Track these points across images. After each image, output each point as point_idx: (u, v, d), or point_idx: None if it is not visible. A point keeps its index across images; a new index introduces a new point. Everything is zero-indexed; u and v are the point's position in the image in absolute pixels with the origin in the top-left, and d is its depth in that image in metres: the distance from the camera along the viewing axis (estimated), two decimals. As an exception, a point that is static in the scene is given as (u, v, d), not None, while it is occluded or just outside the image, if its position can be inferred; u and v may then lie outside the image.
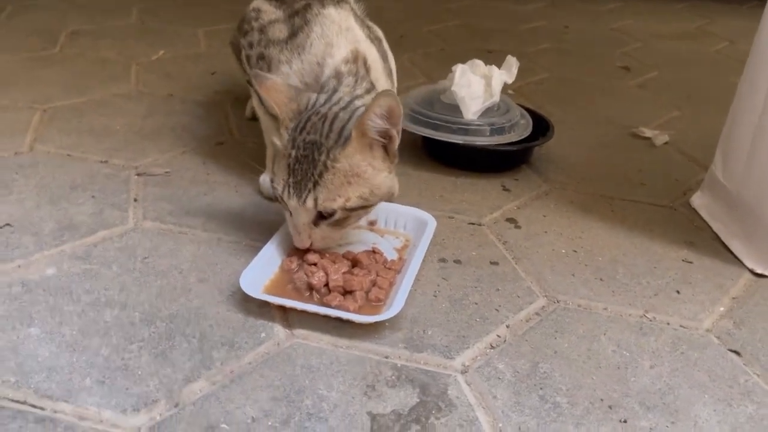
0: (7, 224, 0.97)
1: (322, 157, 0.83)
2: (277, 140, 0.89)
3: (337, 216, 0.85)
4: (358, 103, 0.89)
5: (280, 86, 0.89)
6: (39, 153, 1.18)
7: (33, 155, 1.17)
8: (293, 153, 0.85)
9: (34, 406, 0.67)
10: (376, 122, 0.82)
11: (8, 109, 1.33)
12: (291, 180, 0.84)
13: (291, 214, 0.87)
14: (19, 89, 1.43)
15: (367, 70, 0.96)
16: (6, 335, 0.76)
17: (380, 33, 1.10)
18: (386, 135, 0.85)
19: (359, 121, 0.82)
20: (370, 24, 1.10)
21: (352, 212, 0.86)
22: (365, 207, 0.87)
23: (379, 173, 0.86)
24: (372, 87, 0.95)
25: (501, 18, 2.34)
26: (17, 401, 0.68)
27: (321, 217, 0.86)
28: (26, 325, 0.78)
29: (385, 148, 0.86)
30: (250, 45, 1.05)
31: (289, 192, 0.84)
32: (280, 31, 1.02)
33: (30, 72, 1.54)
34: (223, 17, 2.09)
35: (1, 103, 1.36)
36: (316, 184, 0.83)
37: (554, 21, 2.35)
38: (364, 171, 0.85)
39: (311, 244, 0.88)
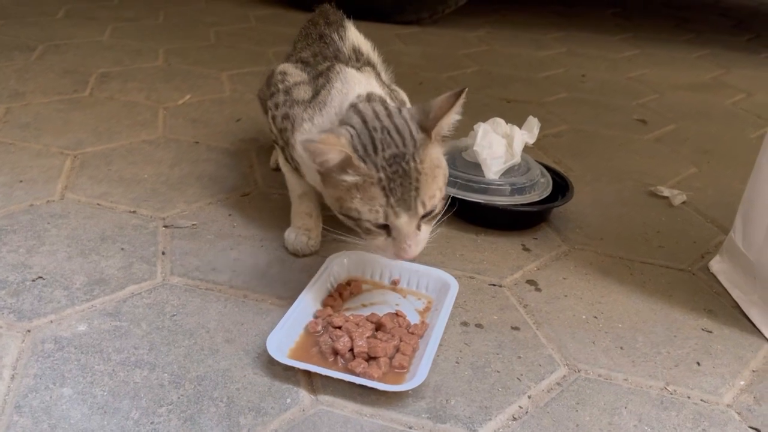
0: (40, 277, 0.99)
1: (412, 164, 0.86)
2: (353, 176, 0.86)
3: (436, 208, 0.89)
4: (391, 105, 0.92)
5: (323, 134, 0.88)
6: (70, 201, 1.21)
7: (64, 204, 1.20)
8: (382, 175, 0.85)
9: (66, 472, 0.69)
10: (453, 118, 0.89)
11: (41, 155, 1.37)
12: (392, 200, 0.86)
13: (389, 234, 0.88)
14: (52, 134, 1.47)
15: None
16: (40, 395, 0.78)
17: (404, 96, 1.13)
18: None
19: (439, 123, 0.87)
20: (395, 88, 1.13)
21: (442, 200, 0.90)
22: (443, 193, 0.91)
23: (442, 158, 0.91)
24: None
25: (518, 65, 2.38)
26: (50, 466, 0.69)
27: (421, 218, 0.89)
28: (59, 384, 0.80)
29: None
30: (276, 106, 1.08)
31: (395, 211, 0.86)
32: (305, 92, 1.05)
33: (61, 115, 1.58)
34: (245, 61, 2.14)
35: (34, 148, 1.40)
36: (417, 189, 0.86)
37: (571, 69, 2.38)
38: (437, 159, 0.89)
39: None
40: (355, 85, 0.99)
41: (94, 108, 1.65)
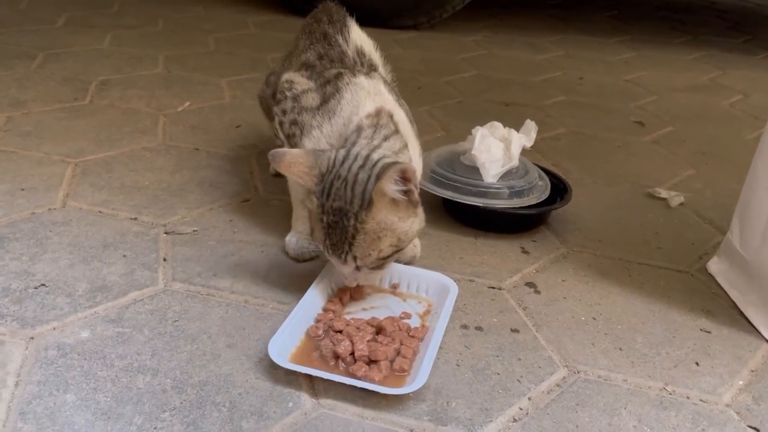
0: (43, 284, 1.00)
1: (351, 222, 0.89)
2: (310, 204, 0.95)
3: (373, 265, 0.93)
4: (375, 156, 0.93)
5: (297, 158, 0.92)
6: (71, 209, 1.22)
7: (66, 212, 1.21)
8: (325, 219, 0.91)
9: (71, 477, 0.69)
10: (392, 187, 0.89)
11: (42, 163, 1.38)
12: (329, 242, 0.91)
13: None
14: (53, 142, 1.48)
15: (394, 124, 1.00)
16: (44, 402, 0.79)
17: (407, 109, 1.14)
18: (405, 192, 0.90)
19: (377, 187, 0.88)
20: (402, 102, 1.13)
21: (387, 258, 0.93)
22: (399, 250, 0.94)
23: (405, 220, 0.92)
24: (394, 132, 0.99)
25: (516, 68, 2.39)
26: (55, 471, 0.70)
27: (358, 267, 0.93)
28: (62, 391, 0.81)
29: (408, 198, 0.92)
30: (284, 112, 1.09)
31: (329, 251, 0.92)
32: (313, 99, 1.06)
33: (62, 123, 1.59)
34: (244, 67, 2.15)
35: (35, 157, 1.41)
36: (350, 245, 0.90)
37: (569, 72, 2.40)
38: (392, 223, 0.91)
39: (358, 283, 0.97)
40: (365, 97, 1.01)
41: (94, 116, 1.66)
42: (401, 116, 1.03)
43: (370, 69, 1.12)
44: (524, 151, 1.31)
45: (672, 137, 1.82)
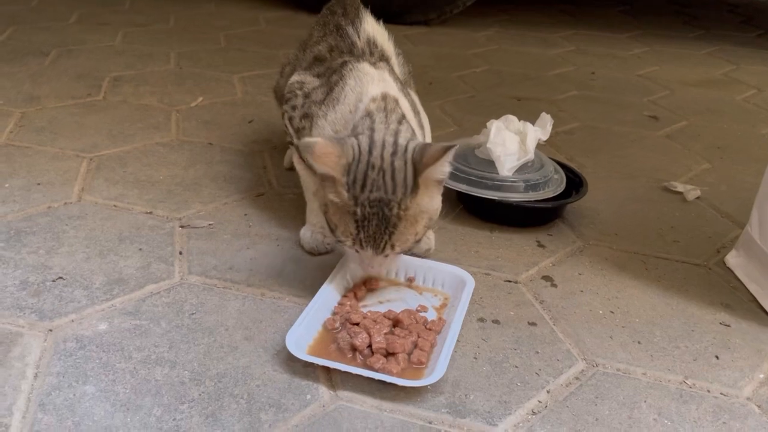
0: (60, 277, 1.00)
1: (395, 211, 0.88)
2: (334, 197, 0.89)
3: (408, 248, 0.93)
4: (401, 141, 0.92)
5: (326, 147, 0.88)
6: (87, 203, 1.22)
7: (81, 206, 1.21)
8: (358, 211, 0.88)
9: (92, 468, 0.70)
10: (441, 170, 0.89)
11: (57, 158, 1.39)
12: (362, 235, 0.89)
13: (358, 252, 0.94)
14: (67, 137, 1.49)
15: (401, 109, 0.99)
16: (63, 393, 0.79)
17: (415, 96, 1.14)
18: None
19: (427, 173, 0.88)
20: (408, 92, 1.12)
21: (420, 239, 0.93)
22: (428, 228, 0.94)
23: (434, 199, 0.93)
24: (403, 117, 0.98)
25: (528, 63, 2.38)
26: (76, 462, 0.70)
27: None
28: (81, 382, 0.81)
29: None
30: (294, 108, 1.10)
31: (362, 244, 0.90)
32: (322, 93, 1.06)
33: (76, 119, 1.60)
34: (256, 63, 2.15)
35: (50, 152, 1.41)
36: (391, 234, 0.89)
37: (581, 67, 2.38)
38: (426, 205, 0.91)
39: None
40: (369, 83, 1.00)
41: (107, 111, 1.66)
42: (404, 103, 1.02)
43: (381, 59, 1.12)
44: (538, 146, 1.30)
45: (686, 132, 1.80)
